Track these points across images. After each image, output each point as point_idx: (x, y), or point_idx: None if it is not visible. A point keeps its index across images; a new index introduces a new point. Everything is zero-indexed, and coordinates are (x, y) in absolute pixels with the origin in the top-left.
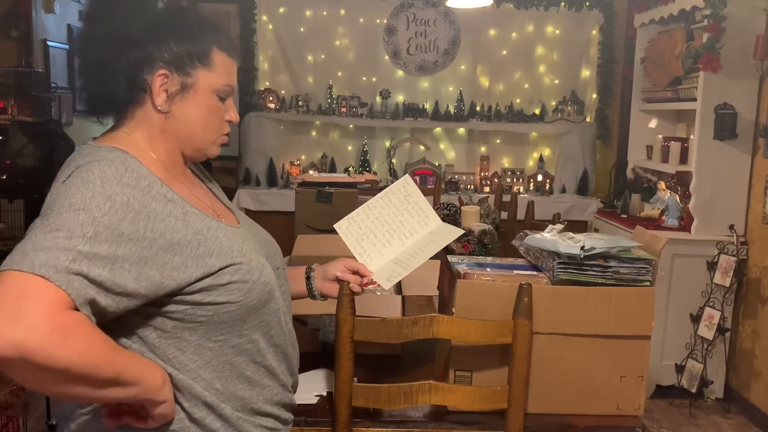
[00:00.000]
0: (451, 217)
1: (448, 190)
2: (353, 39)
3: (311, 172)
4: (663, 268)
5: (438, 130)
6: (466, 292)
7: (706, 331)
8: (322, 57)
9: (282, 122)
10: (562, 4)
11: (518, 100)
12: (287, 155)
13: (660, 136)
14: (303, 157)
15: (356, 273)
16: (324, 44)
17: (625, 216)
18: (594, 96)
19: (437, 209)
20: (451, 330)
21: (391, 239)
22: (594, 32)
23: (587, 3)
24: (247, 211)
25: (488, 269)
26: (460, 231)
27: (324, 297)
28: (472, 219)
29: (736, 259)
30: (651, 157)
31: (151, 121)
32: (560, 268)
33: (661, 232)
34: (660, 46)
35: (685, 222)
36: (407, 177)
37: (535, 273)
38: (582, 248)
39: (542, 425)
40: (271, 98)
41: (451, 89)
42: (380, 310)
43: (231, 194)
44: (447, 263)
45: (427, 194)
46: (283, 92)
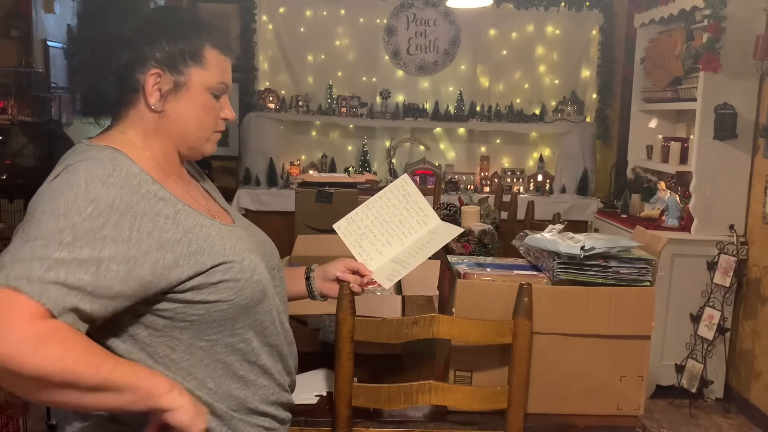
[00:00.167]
0: (451, 217)
1: (448, 190)
2: (353, 39)
3: (311, 172)
4: (663, 268)
5: (438, 130)
6: (466, 292)
7: (706, 331)
8: (322, 57)
9: (282, 122)
10: (562, 4)
11: (518, 100)
12: (287, 155)
13: (660, 136)
14: (303, 157)
15: (356, 273)
16: (324, 44)
17: (625, 216)
18: (594, 96)
19: (437, 209)
20: (451, 330)
21: (391, 239)
22: (594, 32)
23: (587, 3)
24: (247, 211)
25: (488, 269)
26: (460, 229)
27: (324, 297)
28: (472, 219)
29: (736, 259)
30: (651, 157)
31: (145, 121)
32: (560, 268)
33: (661, 232)
34: (660, 46)
35: (685, 222)
36: (406, 176)
37: (535, 273)
38: (582, 248)
39: (542, 425)
40: (271, 98)
41: (451, 89)
42: (380, 310)
43: (231, 194)
44: (447, 263)
45: (427, 194)
46: (283, 92)
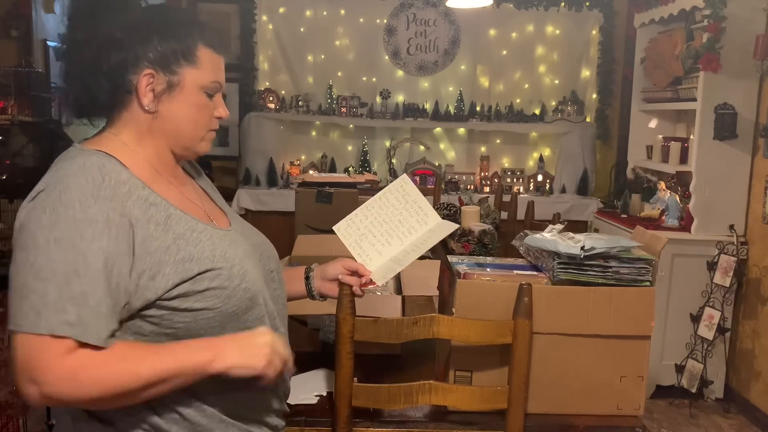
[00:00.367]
0: (451, 217)
1: (448, 190)
2: (353, 39)
3: (311, 172)
4: (663, 268)
5: (438, 130)
6: (466, 292)
7: (706, 331)
8: (322, 57)
9: (282, 122)
10: (562, 4)
11: (518, 100)
12: (287, 155)
13: (660, 136)
14: (303, 157)
15: (355, 273)
16: (324, 44)
17: (625, 216)
18: (594, 96)
19: (437, 209)
20: (451, 330)
21: (390, 239)
22: (594, 32)
23: (587, 3)
24: (247, 211)
25: (488, 269)
26: (455, 225)
27: (323, 297)
28: (472, 219)
29: (736, 259)
30: (651, 157)
31: (139, 121)
32: (560, 268)
33: (661, 232)
34: (660, 46)
35: (685, 222)
36: (405, 176)
37: (535, 273)
38: (582, 248)
39: (542, 425)
40: (271, 98)
41: (451, 89)
42: (380, 310)
43: (231, 194)
44: (447, 263)
45: (427, 194)
46: (283, 92)
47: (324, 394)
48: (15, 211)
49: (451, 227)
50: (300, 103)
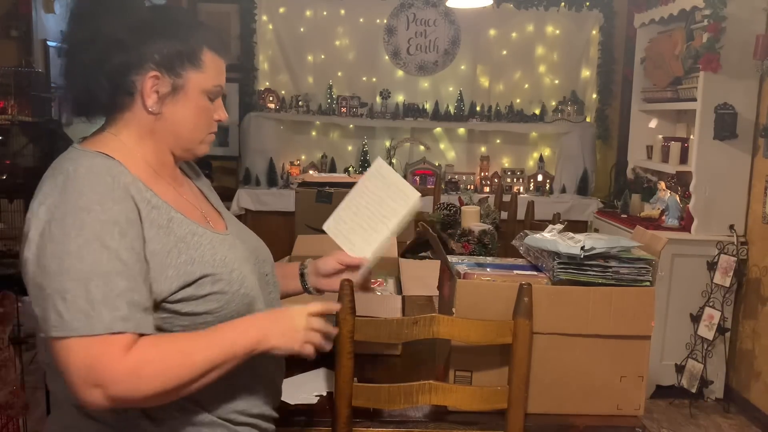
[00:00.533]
0: (451, 217)
1: (448, 190)
2: (353, 39)
3: (311, 172)
4: (663, 268)
5: (438, 130)
6: (466, 292)
7: (706, 331)
8: (322, 57)
9: (282, 122)
10: (562, 4)
11: (518, 100)
12: (287, 155)
13: (660, 136)
14: (303, 157)
15: (349, 267)
16: (324, 44)
17: (625, 216)
18: (594, 96)
19: (437, 209)
20: (451, 330)
21: (377, 225)
22: (594, 32)
23: (587, 3)
24: (247, 211)
25: (488, 269)
26: (416, 194)
27: (320, 292)
28: (472, 219)
29: (736, 259)
30: (651, 157)
31: (140, 122)
32: (560, 268)
33: (661, 232)
34: (660, 46)
35: (685, 222)
36: (379, 159)
37: (535, 273)
38: (582, 248)
39: (542, 425)
40: (271, 98)
41: (451, 89)
42: (380, 310)
43: (231, 194)
44: (447, 263)
45: (427, 194)
46: (283, 92)
47: (324, 394)
48: (15, 211)
49: (416, 199)
50: (300, 103)
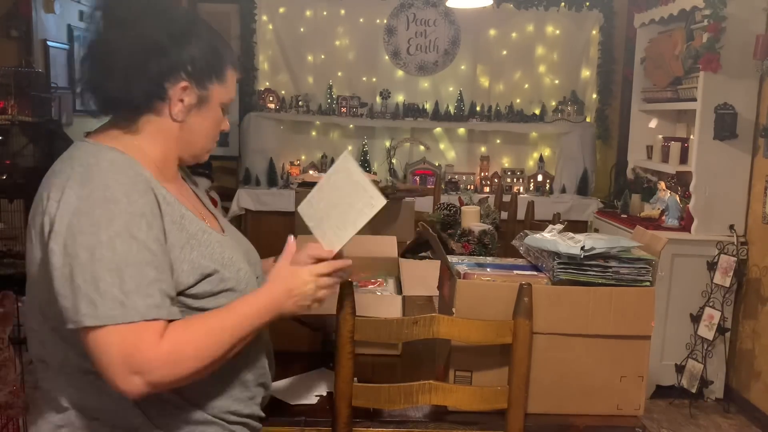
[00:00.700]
0: (451, 217)
1: (448, 190)
2: (353, 39)
3: (311, 172)
4: (663, 268)
5: (438, 130)
6: (466, 292)
7: (706, 331)
8: (322, 57)
9: (282, 122)
10: (562, 4)
11: (518, 100)
12: (287, 155)
13: (660, 136)
14: (303, 157)
15: (322, 259)
16: (324, 44)
17: (625, 216)
18: (594, 96)
19: (437, 209)
20: (451, 330)
21: (345, 224)
22: (594, 32)
23: (587, 3)
24: (247, 211)
25: (488, 269)
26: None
27: None
28: (472, 219)
29: (736, 259)
30: (651, 157)
31: (163, 127)
32: (560, 268)
33: (661, 232)
34: (660, 46)
35: (685, 222)
36: (346, 154)
37: (535, 273)
38: (582, 248)
39: (542, 425)
40: (271, 98)
41: (451, 89)
42: (380, 310)
43: (231, 194)
44: (447, 263)
45: (427, 194)
46: (283, 92)
47: (324, 394)
48: (15, 211)
49: (379, 202)
50: (300, 103)
